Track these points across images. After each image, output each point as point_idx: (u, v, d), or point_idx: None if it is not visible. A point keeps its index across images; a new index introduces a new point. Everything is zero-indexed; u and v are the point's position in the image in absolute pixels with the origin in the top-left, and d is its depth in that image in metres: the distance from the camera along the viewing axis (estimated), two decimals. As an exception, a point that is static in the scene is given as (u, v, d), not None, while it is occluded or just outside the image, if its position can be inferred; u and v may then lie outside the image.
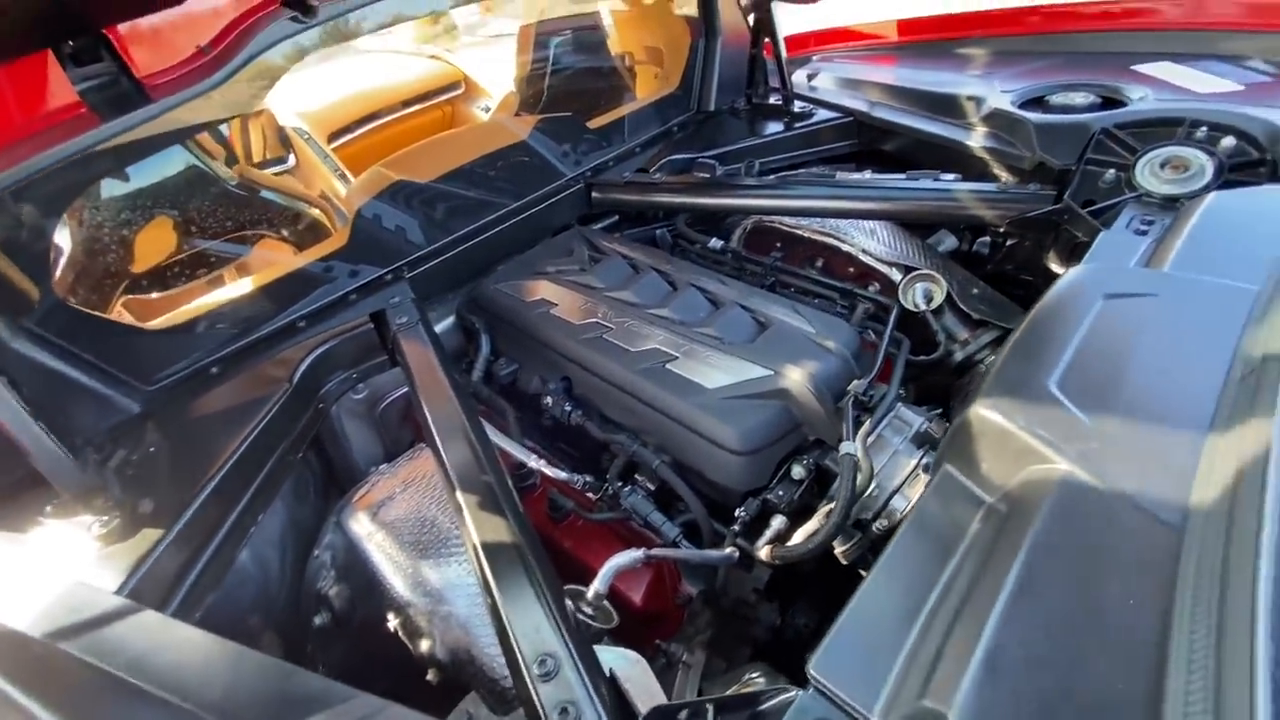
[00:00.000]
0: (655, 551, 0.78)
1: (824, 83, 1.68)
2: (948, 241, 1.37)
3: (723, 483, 0.90)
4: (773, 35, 1.54)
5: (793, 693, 0.49)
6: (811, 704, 0.47)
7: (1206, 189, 0.96)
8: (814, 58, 1.81)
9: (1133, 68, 1.28)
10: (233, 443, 0.90)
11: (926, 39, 1.66)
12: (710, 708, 0.50)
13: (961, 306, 1.16)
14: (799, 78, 1.72)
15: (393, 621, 0.80)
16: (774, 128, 1.61)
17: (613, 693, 0.58)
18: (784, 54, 1.56)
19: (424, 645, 0.77)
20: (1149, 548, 0.46)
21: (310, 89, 2.67)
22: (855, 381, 0.89)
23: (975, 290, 1.19)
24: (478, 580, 0.71)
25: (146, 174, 1.30)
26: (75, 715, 0.54)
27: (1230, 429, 0.50)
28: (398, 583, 0.81)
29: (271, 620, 0.90)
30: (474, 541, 0.71)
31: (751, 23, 1.57)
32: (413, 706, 0.51)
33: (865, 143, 1.53)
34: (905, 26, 1.70)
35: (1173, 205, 0.94)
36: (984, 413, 0.58)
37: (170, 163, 1.31)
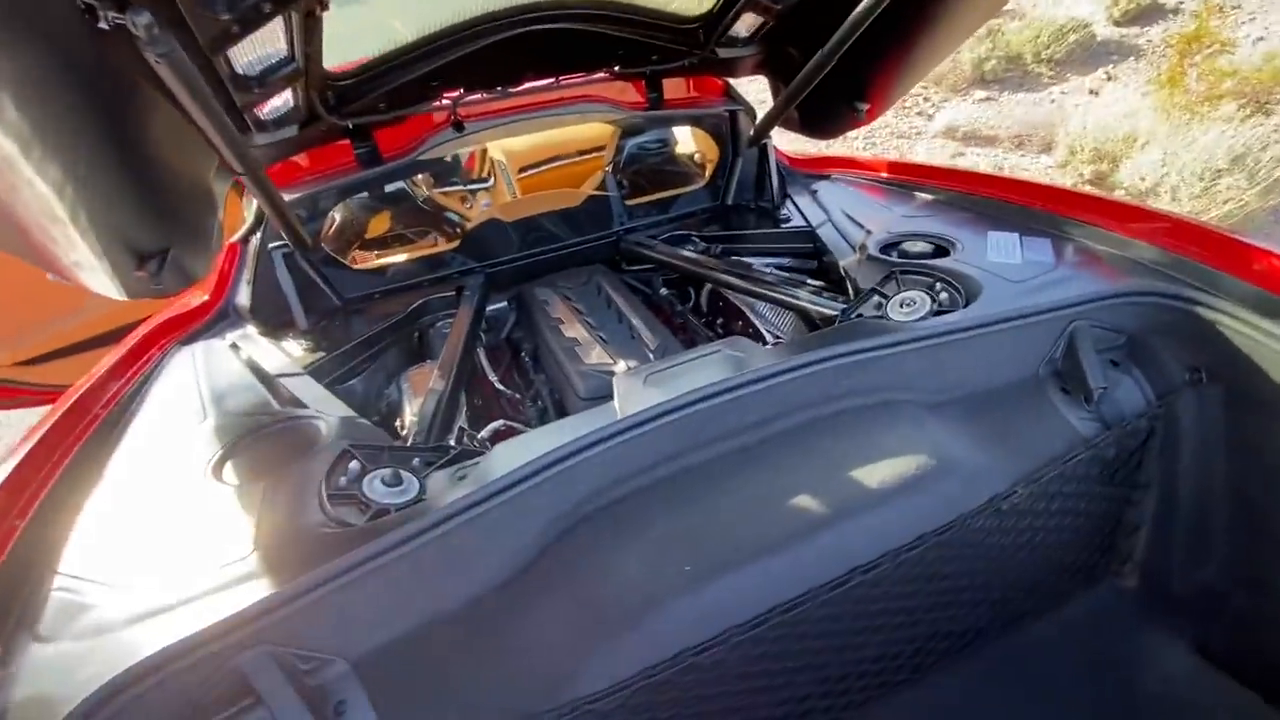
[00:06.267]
0: (509, 423, 1.56)
1: (821, 196, 2.26)
2: None
3: (571, 413, 1.64)
4: (766, 161, 2.19)
5: (486, 454, 1.24)
6: None
7: (920, 320, 1.45)
8: (831, 175, 2.39)
9: (989, 232, 1.71)
10: (370, 329, 1.86)
11: (902, 179, 2.17)
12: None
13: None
14: (815, 186, 2.32)
15: (398, 422, 1.68)
16: (766, 224, 2.25)
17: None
18: (774, 174, 2.20)
19: (403, 432, 1.63)
20: None
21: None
22: None
23: None
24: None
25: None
26: (276, 395, 1.46)
27: None
28: (406, 408, 1.69)
29: None
30: (430, 386, 1.55)
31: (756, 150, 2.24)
32: None
33: (818, 249, 2.10)
34: (890, 166, 2.21)
35: None
36: None
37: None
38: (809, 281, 1.78)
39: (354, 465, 1.12)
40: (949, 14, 1.60)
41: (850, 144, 7.42)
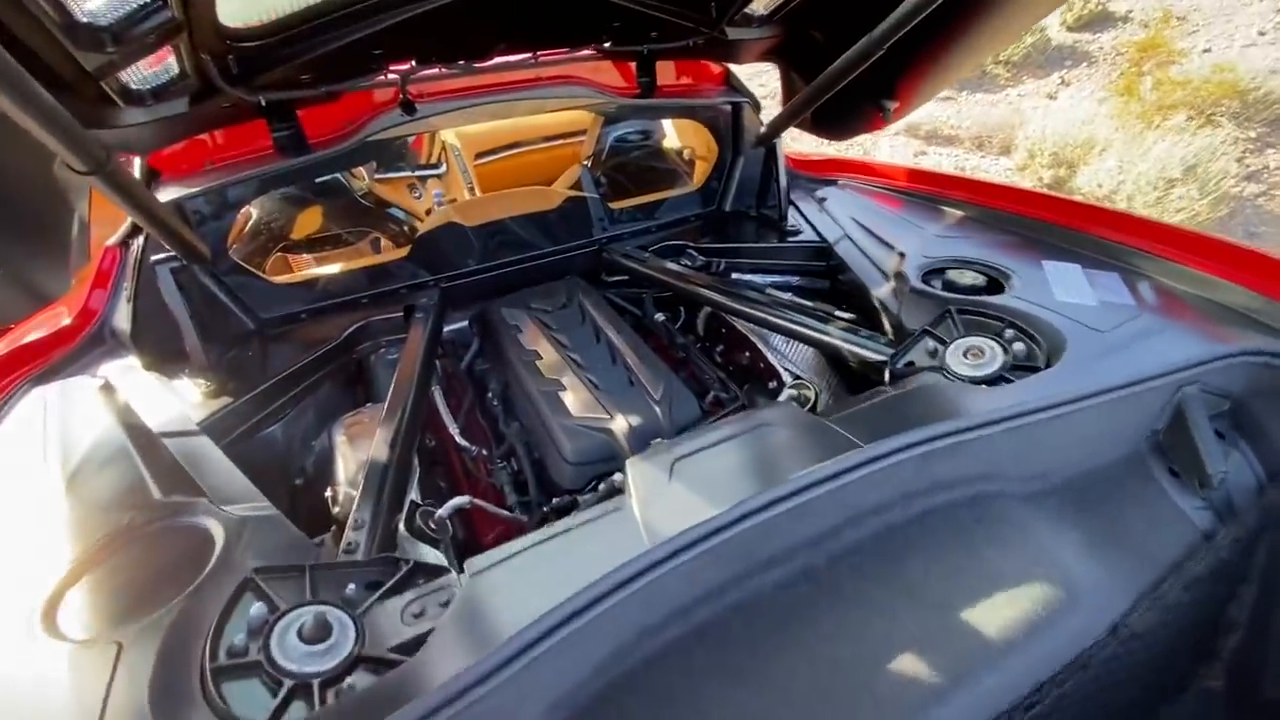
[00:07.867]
0: (476, 501, 1.21)
1: (832, 205, 1.98)
2: None
3: (555, 480, 1.31)
4: (775, 163, 1.89)
5: (451, 576, 0.90)
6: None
7: (989, 379, 1.20)
8: (839, 181, 2.11)
9: (1043, 261, 1.47)
10: (293, 362, 1.46)
11: (924, 189, 1.91)
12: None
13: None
14: (821, 192, 2.04)
15: (330, 491, 1.31)
16: (770, 235, 1.96)
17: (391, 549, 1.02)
18: (783, 179, 1.90)
19: (336, 509, 1.27)
20: None
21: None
22: (657, 440, 1.26)
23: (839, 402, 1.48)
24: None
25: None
26: (156, 470, 1.07)
27: None
28: (340, 470, 1.32)
29: (271, 470, 1.43)
30: (372, 452, 1.18)
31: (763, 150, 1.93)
32: None
33: (832, 268, 1.83)
34: (911, 174, 1.96)
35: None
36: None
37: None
38: (838, 315, 1.50)
39: (258, 608, 0.77)
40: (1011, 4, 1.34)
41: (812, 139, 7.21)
